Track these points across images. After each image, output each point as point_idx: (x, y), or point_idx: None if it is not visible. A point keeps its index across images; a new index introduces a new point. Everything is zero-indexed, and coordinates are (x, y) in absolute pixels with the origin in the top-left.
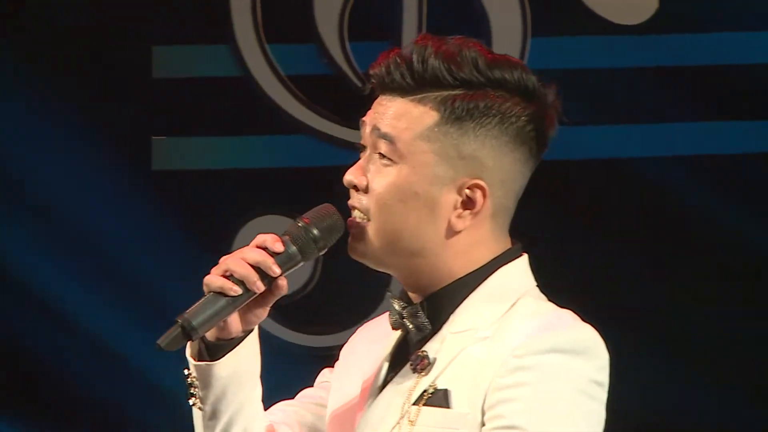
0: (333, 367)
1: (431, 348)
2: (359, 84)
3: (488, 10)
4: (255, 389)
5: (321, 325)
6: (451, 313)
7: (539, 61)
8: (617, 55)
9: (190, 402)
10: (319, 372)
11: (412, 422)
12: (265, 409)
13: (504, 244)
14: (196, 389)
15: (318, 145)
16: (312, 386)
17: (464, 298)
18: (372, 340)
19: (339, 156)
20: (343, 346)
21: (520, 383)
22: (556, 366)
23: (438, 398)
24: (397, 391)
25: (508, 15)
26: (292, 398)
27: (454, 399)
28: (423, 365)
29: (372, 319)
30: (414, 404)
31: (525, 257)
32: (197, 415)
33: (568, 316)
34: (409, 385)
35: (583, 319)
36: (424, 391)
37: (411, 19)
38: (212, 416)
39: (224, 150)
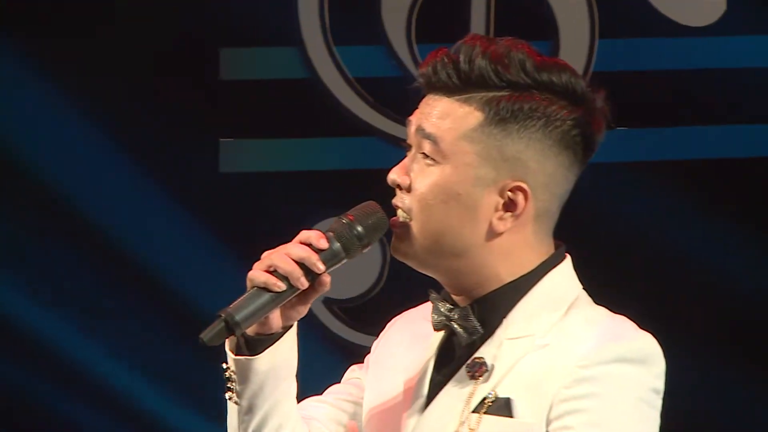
0: (362, 363)
1: (487, 353)
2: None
3: (556, 12)
4: (291, 385)
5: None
6: (503, 317)
7: (607, 63)
8: (685, 56)
9: (227, 396)
10: (347, 368)
11: (472, 430)
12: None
13: (548, 247)
14: (234, 383)
15: (385, 148)
16: (339, 382)
17: (515, 304)
18: (412, 339)
19: None
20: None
21: (586, 394)
22: (621, 376)
23: (500, 407)
24: (455, 397)
25: (575, 16)
26: (320, 394)
27: (516, 408)
28: (481, 372)
29: (403, 312)
30: (474, 411)
31: (569, 260)
32: (233, 410)
33: (627, 324)
34: (467, 391)
35: (641, 327)
36: (484, 398)
37: (479, 21)
38: (248, 411)
39: (292, 152)
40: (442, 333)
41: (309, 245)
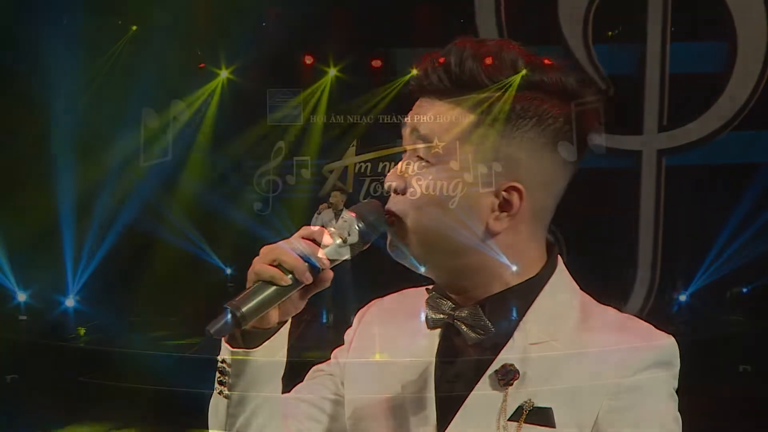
0: (328, 360)
1: (514, 359)
2: (603, 86)
3: (733, 13)
4: (279, 382)
5: None
6: (518, 320)
7: None
8: None
9: (217, 390)
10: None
11: None
12: None
13: (543, 245)
14: (227, 377)
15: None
16: (302, 381)
17: (527, 307)
18: (399, 334)
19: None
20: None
21: (632, 404)
22: (657, 381)
23: (540, 416)
24: (485, 404)
25: (753, 18)
26: (288, 392)
27: (557, 417)
28: (515, 379)
29: (371, 303)
30: (511, 420)
31: (561, 261)
32: (221, 404)
33: (647, 326)
34: (497, 397)
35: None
36: (520, 406)
37: (655, 22)
38: (238, 404)
39: None
40: (437, 331)
41: (312, 240)
